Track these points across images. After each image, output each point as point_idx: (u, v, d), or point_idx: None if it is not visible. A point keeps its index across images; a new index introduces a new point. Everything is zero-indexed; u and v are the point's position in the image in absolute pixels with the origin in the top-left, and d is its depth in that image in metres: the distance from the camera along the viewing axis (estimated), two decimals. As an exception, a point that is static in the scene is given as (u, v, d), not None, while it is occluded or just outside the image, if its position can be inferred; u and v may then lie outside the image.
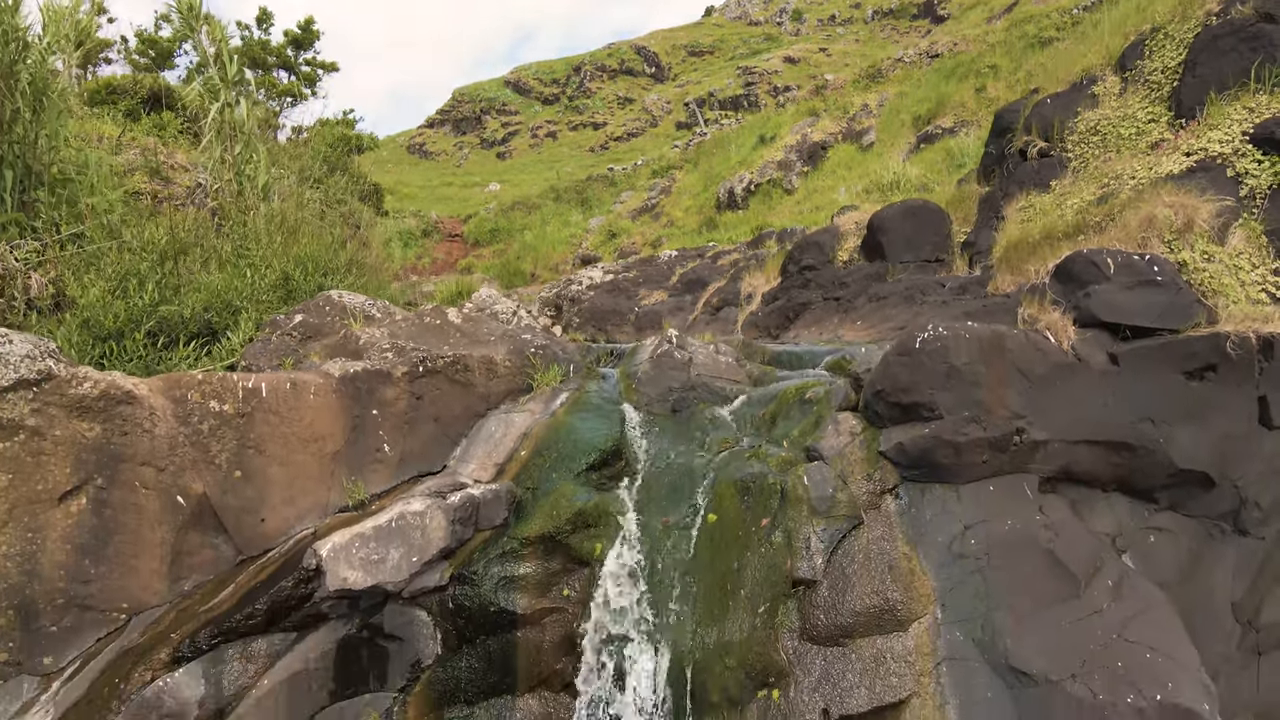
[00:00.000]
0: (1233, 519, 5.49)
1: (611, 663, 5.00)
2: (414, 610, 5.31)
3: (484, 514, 5.50)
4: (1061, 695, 4.52)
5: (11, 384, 5.34)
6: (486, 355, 6.70)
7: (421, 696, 5.33)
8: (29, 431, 5.40)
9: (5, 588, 5.38)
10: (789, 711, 4.70)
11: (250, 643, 5.29)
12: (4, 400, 5.35)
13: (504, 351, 6.80)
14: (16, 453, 5.43)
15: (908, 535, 5.11)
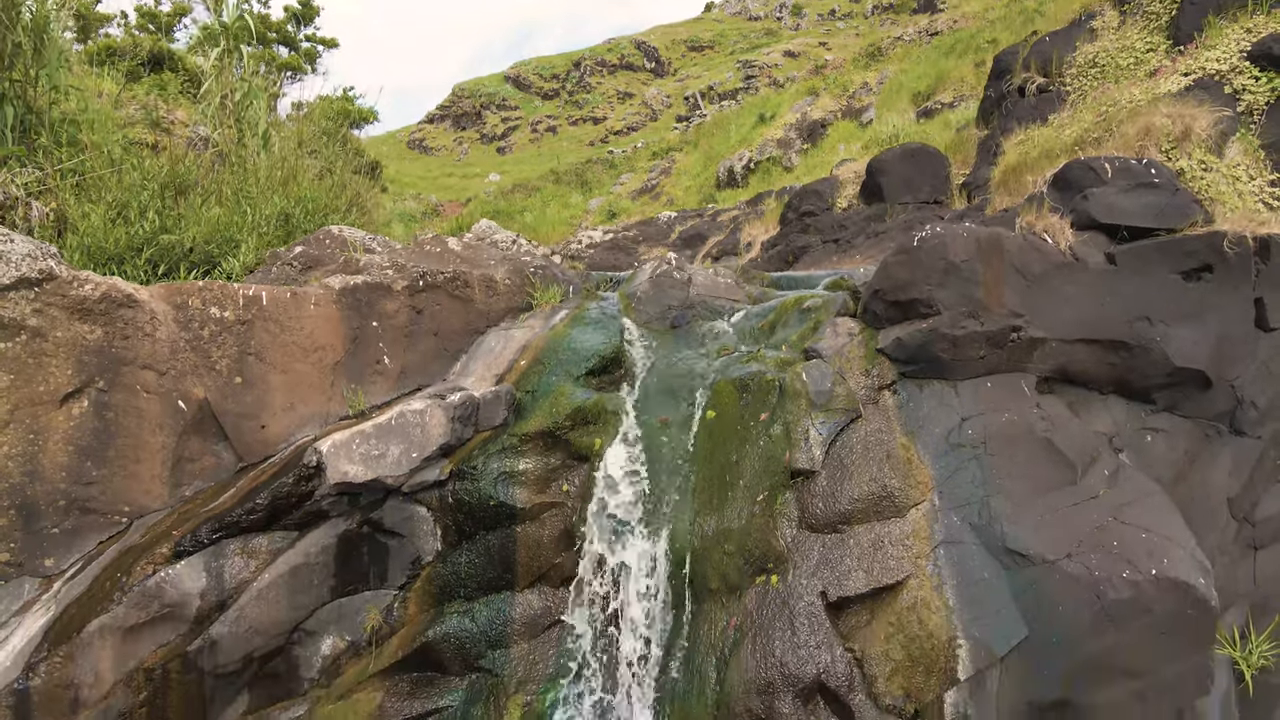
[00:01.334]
0: (1229, 419, 5.51)
1: (611, 554, 5.02)
2: (414, 506, 5.33)
3: (484, 414, 5.52)
4: (1058, 574, 4.55)
5: (13, 282, 5.36)
6: (486, 274, 6.72)
7: (422, 592, 5.35)
8: (30, 332, 5.42)
9: (6, 487, 5.40)
10: (787, 595, 4.72)
11: (251, 539, 5.32)
12: (5, 299, 5.37)
13: (504, 271, 6.82)
14: (18, 353, 5.46)
15: (905, 427, 5.13)
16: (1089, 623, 4.41)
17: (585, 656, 5.03)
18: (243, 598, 5.15)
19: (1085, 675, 4.43)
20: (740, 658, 4.63)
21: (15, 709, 4.84)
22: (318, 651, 5.38)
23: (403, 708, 5.15)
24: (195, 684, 5.11)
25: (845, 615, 4.74)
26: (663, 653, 4.89)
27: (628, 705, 4.84)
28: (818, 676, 4.52)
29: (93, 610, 5.03)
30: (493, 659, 5.16)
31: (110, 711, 4.98)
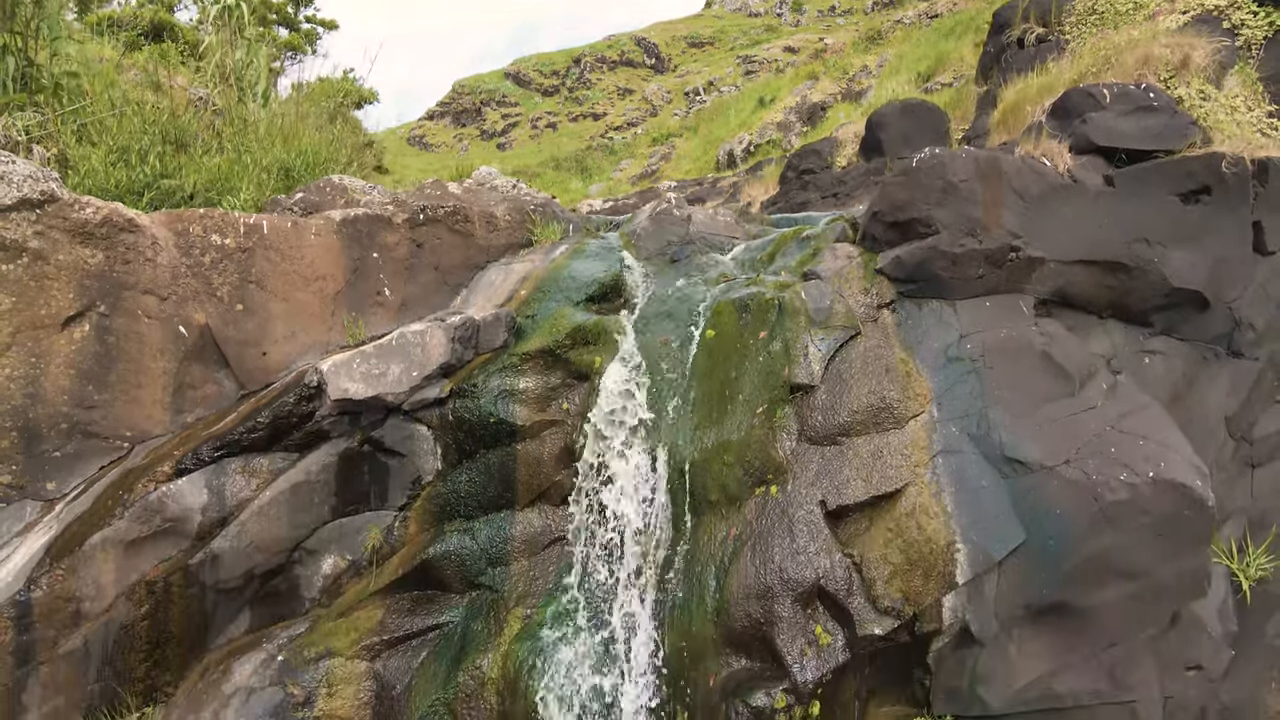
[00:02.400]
0: (1226, 342, 5.52)
1: (611, 468, 5.04)
2: (414, 425, 5.35)
3: (484, 336, 5.54)
4: (1056, 479, 4.57)
5: (15, 203, 5.37)
6: (486, 210, 6.74)
7: (422, 511, 5.37)
8: (32, 255, 5.44)
9: (8, 409, 5.42)
10: (786, 504, 4.74)
11: (252, 458, 5.34)
12: (7, 220, 5.38)
13: (504, 209, 6.84)
14: (20, 276, 5.47)
15: (904, 343, 5.15)
16: (1086, 525, 4.43)
17: (585, 570, 5.05)
18: (244, 514, 5.16)
19: (1082, 577, 4.45)
20: (739, 565, 4.65)
21: (17, 620, 4.86)
22: (319, 571, 5.40)
23: (403, 623, 5.17)
24: (197, 599, 5.13)
25: (844, 523, 4.76)
26: (662, 563, 4.91)
27: (628, 615, 4.86)
28: (816, 581, 4.54)
29: (94, 525, 5.05)
30: (493, 576, 5.18)
31: (112, 624, 5.00)
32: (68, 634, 4.96)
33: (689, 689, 4.65)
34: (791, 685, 4.38)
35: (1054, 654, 4.53)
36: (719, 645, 4.60)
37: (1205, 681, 4.53)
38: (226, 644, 5.34)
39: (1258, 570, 4.89)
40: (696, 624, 4.64)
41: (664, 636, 4.73)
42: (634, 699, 4.74)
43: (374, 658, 5.06)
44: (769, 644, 4.49)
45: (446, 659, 4.99)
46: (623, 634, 4.83)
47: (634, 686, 4.75)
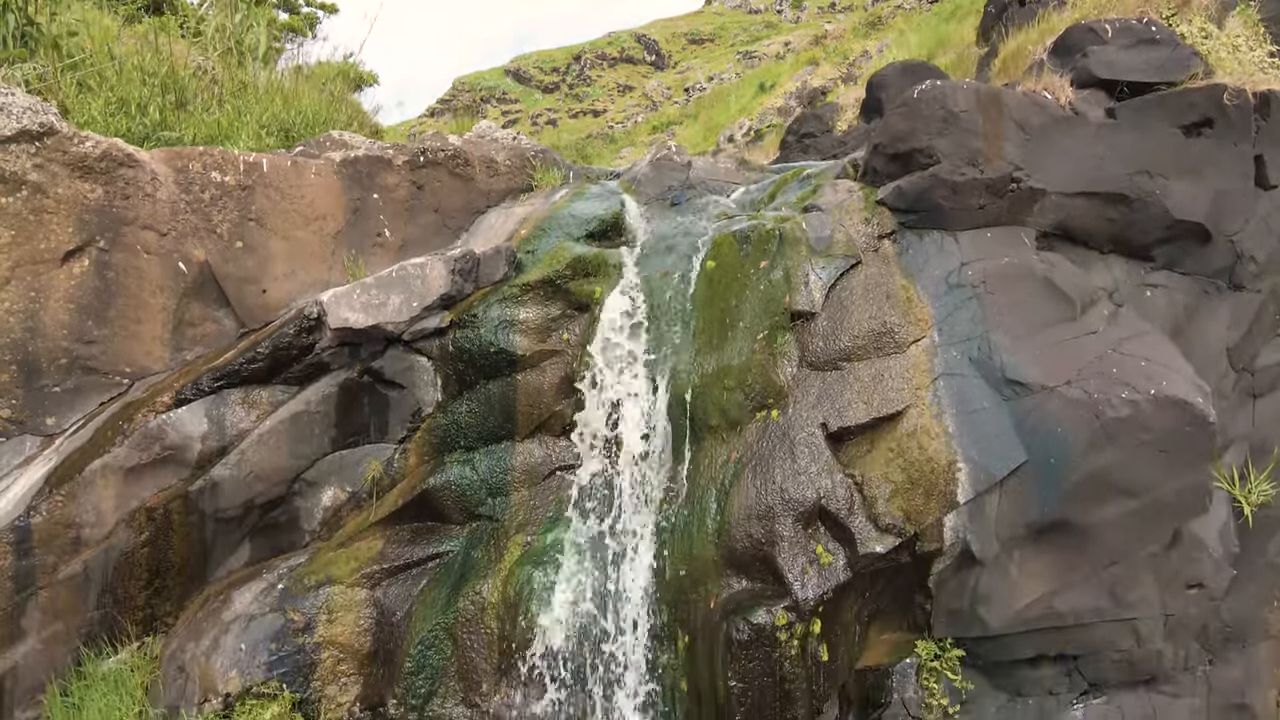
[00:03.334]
0: (1228, 275, 5.51)
1: (612, 395, 5.03)
2: (414, 356, 5.34)
3: (484, 270, 5.53)
4: (1057, 399, 4.56)
5: (14, 134, 5.36)
6: (487, 155, 6.73)
7: (422, 443, 5.36)
8: (31, 188, 5.43)
9: (8, 343, 5.42)
10: (787, 427, 4.74)
11: (252, 390, 5.34)
12: (7, 152, 5.37)
13: (504, 154, 6.83)
14: (19, 209, 5.46)
15: (905, 271, 5.15)
16: (1087, 442, 4.43)
17: (586, 497, 5.04)
18: (244, 443, 5.16)
19: (1083, 495, 4.45)
20: (740, 487, 4.64)
21: (16, 546, 4.86)
22: (318, 503, 5.39)
23: (403, 553, 5.16)
24: (197, 527, 5.13)
25: (845, 446, 4.75)
26: (663, 488, 4.91)
27: (629, 540, 4.86)
28: (818, 501, 4.53)
29: (94, 454, 5.06)
30: (493, 506, 5.18)
31: (112, 551, 5.00)
32: (67, 560, 4.95)
33: (689, 611, 4.65)
34: (793, 603, 4.38)
35: (1055, 573, 4.53)
36: (719, 566, 4.59)
37: (1206, 600, 4.53)
38: (226, 576, 5.34)
39: (1260, 496, 4.88)
40: (697, 546, 4.63)
41: (664, 559, 4.72)
42: (635, 622, 4.74)
43: (374, 586, 5.05)
44: (770, 563, 4.48)
45: (447, 586, 4.99)
46: (623, 558, 4.83)
47: (635, 609, 4.74)
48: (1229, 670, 4.56)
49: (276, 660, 4.81)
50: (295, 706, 4.87)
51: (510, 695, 4.76)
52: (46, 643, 4.93)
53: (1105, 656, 4.51)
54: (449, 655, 4.81)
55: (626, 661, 4.73)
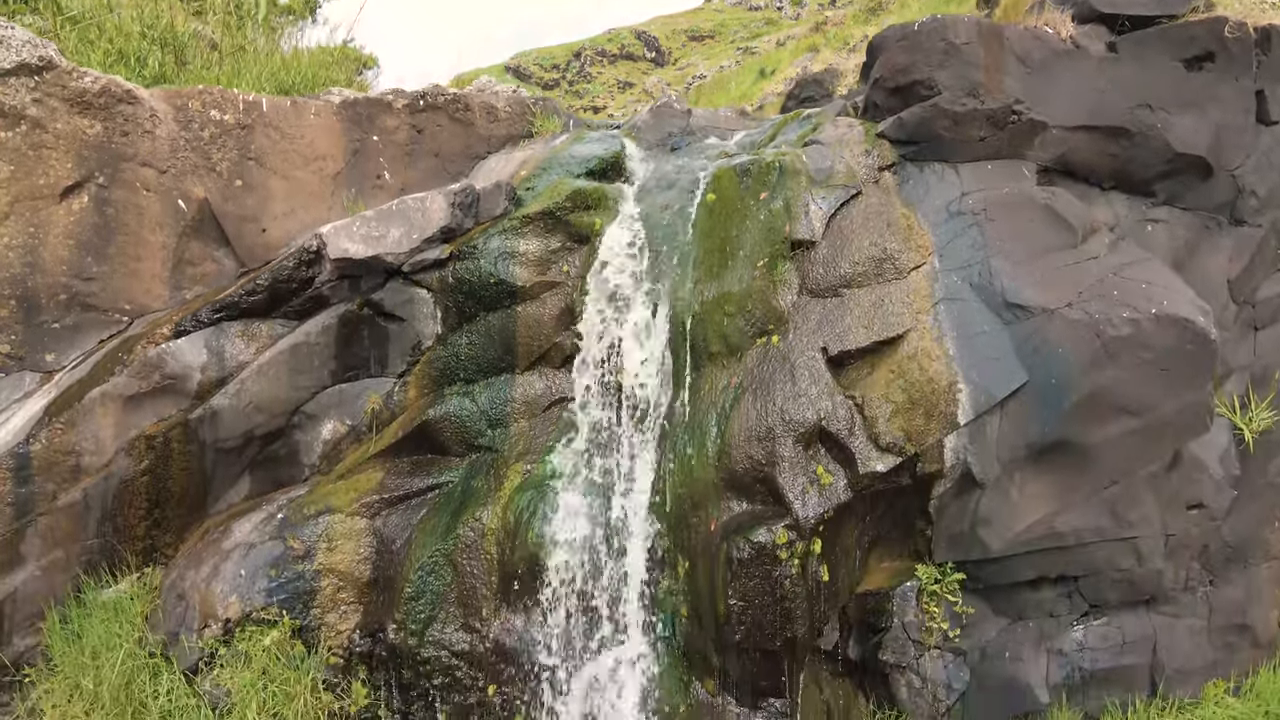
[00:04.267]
0: (1229, 210, 5.50)
1: (612, 323, 5.02)
2: (414, 289, 5.33)
3: (484, 205, 5.52)
4: (1058, 321, 4.55)
5: (13, 67, 5.35)
6: (487, 101, 6.72)
7: (421, 375, 5.36)
8: (30, 122, 5.42)
9: (7, 277, 5.41)
10: (787, 352, 4.73)
11: (252, 323, 5.33)
12: (6, 85, 5.36)
13: (505, 101, 6.82)
14: (18, 144, 5.45)
15: (905, 200, 5.14)
16: (1088, 361, 4.42)
17: (586, 425, 5.03)
18: (243, 373, 5.16)
19: (1084, 415, 4.44)
20: (740, 410, 4.64)
21: (15, 472, 4.86)
22: (318, 436, 5.39)
23: (403, 484, 5.16)
24: (197, 457, 5.12)
25: (846, 370, 4.74)
26: (664, 415, 4.90)
27: (629, 465, 4.85)
28: (818, 422, 4.52)
29: (94, 383, 5.05)
30: (492, 437, 5.17)
31: (112, 479, 4.99)
32: (67, 488, 4.95)
33: (689, 535, 4.64)
34: (794, 522, 4.37)
35: (1055, 494, 4.52)
36: (720, 489, 4.59)
37: (1207, 520, 4.52)
38: (226, 509, 5.34)
39: (1260, 423, 4.88)
40: (697, 469, 4.63)
41: (665, 485, 4.72)
42: (635, 548, 4.73)
43: (373, 516, 5.05)
44: (770, 484, 4.48)
45: (446, 514, 4.98)
46: (623, 485, 4.82)
47: (635, 534, 4.74)
48: (1230, 590, 4.55)
49: (276, 586, 4.81)
50: (295, 633, 4.87)
51: (510, 620, 4.76)
52: (46, 570, 4.93)
53: (1106, 577, 4.50)
54: (449, 581, 4.81)
55: (626, 586, 4.73)
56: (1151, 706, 4.46)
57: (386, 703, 4.90)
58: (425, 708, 4.84)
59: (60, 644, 4.86)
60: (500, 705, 4.73)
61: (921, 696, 4.61)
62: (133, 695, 4.82)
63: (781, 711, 4.59)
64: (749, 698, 4.62)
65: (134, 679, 4.82)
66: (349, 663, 4.87)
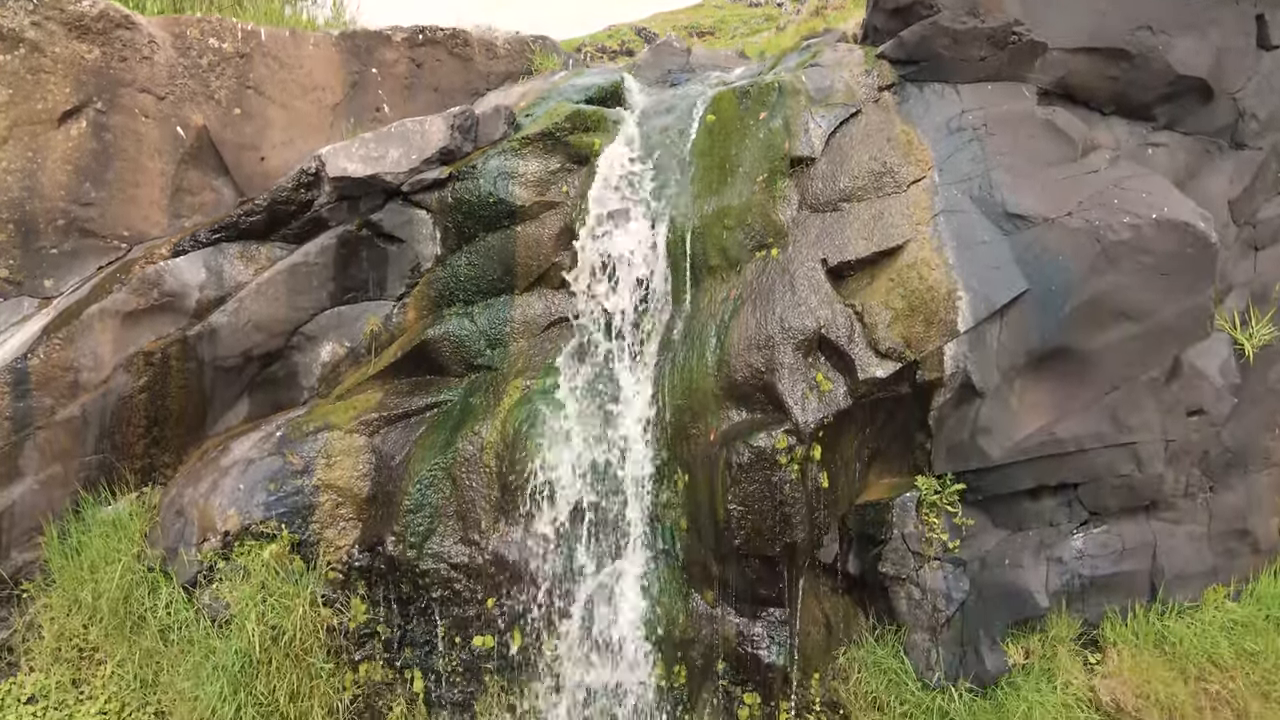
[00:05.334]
0: (1229, 134, 5.49)
1: (612, 239, 5.01)
2: (413, 210, 5.32)
3: (483, 130, 5.51)
4: (1058, 229, 4.54)
5: (11, -11, 5.34)
6: (486, 38, 6.72)
7: (420, 297, 5.35)
8: (29, 46, 5.41)
9: (6, 201, 5.41)
10: (787, 263, 4.72)
11: (250, 245, 5.34)
12: (4, 8, 5.35)
13: (504, 37, 6.81)
14: (16, 68, 5.44)
15: (905, 118, 5.13)
16: (1088, 266, 4.41)
17: (585, 342, 5.03)
18: (242, 291, 5.15)
19: (1083, 320, 4.43)
20: (740, 320, 4.63)
21: (14, 386, 4.86)
22: (317, 358, 5.38)
23: (401, 403, 5.15)
24: (195, 375, 5.12)
25: (846, 281, 4.74)
26: (663, 328, 4.89)
27: (628, 378, 4.84)
28: (818, 330, 4.51)
29: (92, 300, 5.04)
30: (491, 357, 5.16)
31: (110, 395, 4.99)
32: (65, 403, 4.94)
33: (689, 446, 4.64)
34: (793, 427, 4.36)
35: (1055, 402, 4.51)
36: (719, 399, 4.58)
37: (1207, 425, 4.51)
38: (225, 431, 5.33)
39: (1260, 339, 4.87)
40: (697, 379, 4.62)
41: (664, 397, 4.71)
42: (634, 460, 4.73)
43: (372, 433, 5.04)
44: (770, 391, 4.47)
45: (445, 430, 4.98)
46: (622, 398, 4.82)
47: (634, 449, 4.73)
48: (1230, 496, 4.54)
49: (275, 500, 4.81)
50: (294, 548, 4.86)
51: (509, 532, 4.75)
52: (44, 484, 4.92)
53: (1106, 483, 4.49)
54: (448, 495, 4.80)
55: (625, 499, 4.72)
56: (1151, 612, 4.46)
57: (385, 619, 4.90)
58: (424, 622, 4.85)
59: (59, 558, 4.86)
60: (499, 617, 4.72)
61: (921, 608, 4.60)
62: (131, 609, 4.82)
63: (781, 620, 4.59)
64: (748, 607, 4.62)
65: (132, 593, 4.82)
66: (348, 578, 4.87)
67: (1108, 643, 4.43)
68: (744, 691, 4.66)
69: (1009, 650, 4.52)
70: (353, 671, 4.88)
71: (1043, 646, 4.49)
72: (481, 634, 4.74)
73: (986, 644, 4.51)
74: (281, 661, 4.63)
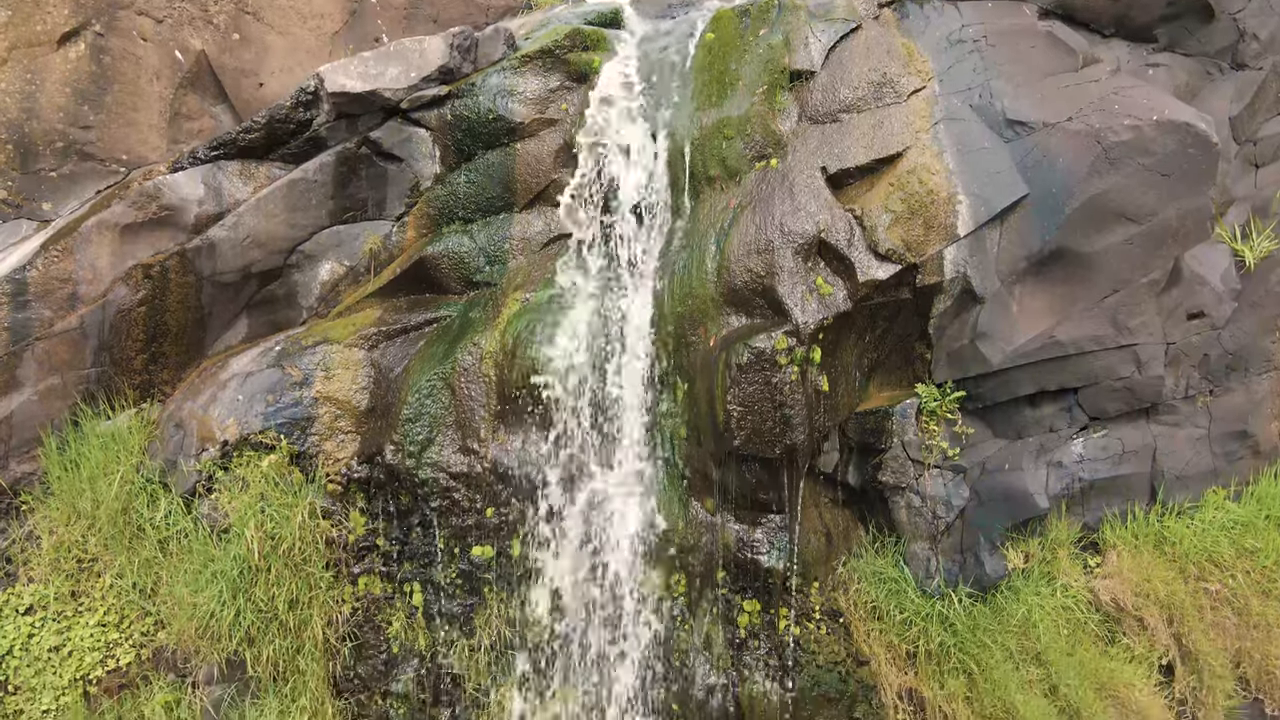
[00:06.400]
0: (1230, 55, 5.47)
1: (610, 155, 5.00)
2: (413, 128, 5.31)
3: (482, 50, 5.49)
4: (1059, 133, 4.54)
5: (9, -93, 5.32)
6: (485, -28, 6.71)
7: (420, 215, 5.34)
8: (27, -34, 5.40)
9: (4, 122, 5.41)
10: (786, 172, 4.71)
11: (249, 164, 5.33)
12: (2, -74, 5.34)
13: (503, -27, 6.80)
14: (15, -11, 5.44)
15: (906, 32, 5.12)
16: (1088, 168, 4.41)
17: (584, 255, 5.02)
18: (241, 207, 5.14)
19: (1084, 222, 4.43)
20: (739, 227, 4.62)
21: (13, 297, 4.86)
22: (316, 276, 5.38)
23: (401, 319, 5.15)
24: (194, 289, 5.11)
25: (845, 190, 4.73)
26: (662, 241, 4.89)
27: (628, 290, 4.84)
28: (817, 234, 4.51)
29: (90, 214, 5.03)
30: (490, 273, 5.16)
31: (109, 308, 4.98)
32: (64, 315, 4.94)
33: (688, 354, 4.63)
34: (793, 328, 4.35)
35: (1055, 307, 4.51)
36: (719, 305, 4.57)
37: (1208, 328, 4.51)
38: (224, 351, 5.33)
39: (1261, 250, 4.86)
40: (696, 285, 4.61)
41: (664, 306, 4.70)
42: (633, 369, 4.72)
43: (371, 347, 5.03)
44: (770, 295, 4.46)
45: (444, 342, 4.97)
46: (622, 309, 4.80)
47: (633, 358, 4.72)
48: (1230, 399, 4.53)
49: (273, 411, 4.80)
50: (293, 460, 4.85)
51: (508, 441, 4.74)
52: (43, 396, 4.91)
53: (1105, 387, 4.49)
54: (446, 405, 4.79)
55: (625, 408, 4.72)
56: (1151, 514, 4.45)
57: (384, 532, 4.90)
58: (423, 534, 4.84)
59: (57, 469, 4.85)
60: (498, 526, 4.72)
61: (921, 516, 4.60)
62: (130, 520, 4.81)
63: (780, 526, 4.58)
64: (748, 514, 4.62)
65: (131, 504, 4.81)
66: (347, 490, 4.86)
67: (1107, 545, 4.43)
68: (743, 599, 4.66)
69: (1008, 555, 4.51)
70: (352, 585, 4.88)
71: (1042, 550, 4.48)
72: (481, 544, 4.74)
73: (986, 549, 4.51)
74: (280, 570, 4.63)
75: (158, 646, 4.80)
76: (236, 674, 4.64)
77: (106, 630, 4.82)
